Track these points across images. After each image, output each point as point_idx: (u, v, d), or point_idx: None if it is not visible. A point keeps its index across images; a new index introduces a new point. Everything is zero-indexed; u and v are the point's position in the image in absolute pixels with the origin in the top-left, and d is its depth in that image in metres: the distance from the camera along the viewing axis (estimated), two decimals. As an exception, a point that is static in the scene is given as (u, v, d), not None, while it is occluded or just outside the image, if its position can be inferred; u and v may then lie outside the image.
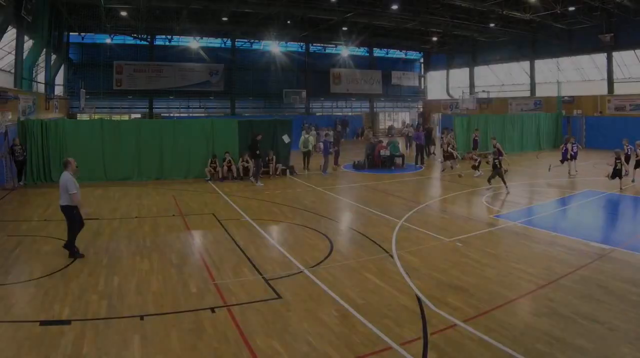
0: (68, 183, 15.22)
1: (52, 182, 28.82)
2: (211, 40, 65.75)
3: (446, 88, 75.24)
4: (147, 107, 64.21)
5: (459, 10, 49.18)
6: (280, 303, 11.87)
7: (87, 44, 60.56)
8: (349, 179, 32.50)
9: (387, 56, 77.93)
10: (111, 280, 13.37)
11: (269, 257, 15.73)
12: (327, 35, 62.79)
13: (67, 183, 15.22)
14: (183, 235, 18.51)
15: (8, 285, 12.98)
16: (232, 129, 32.52)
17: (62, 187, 15.33)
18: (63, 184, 15.29)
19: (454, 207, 23.58)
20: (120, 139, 30.57)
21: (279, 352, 9.57)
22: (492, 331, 10.25)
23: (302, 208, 23.08)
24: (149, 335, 10.22)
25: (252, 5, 47.09)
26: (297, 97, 68.18)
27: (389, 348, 9.65)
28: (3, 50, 36.50)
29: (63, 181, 15.31)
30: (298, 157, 35.64)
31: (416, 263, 14.80)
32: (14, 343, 9.74)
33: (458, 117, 44.14)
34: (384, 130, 76.48)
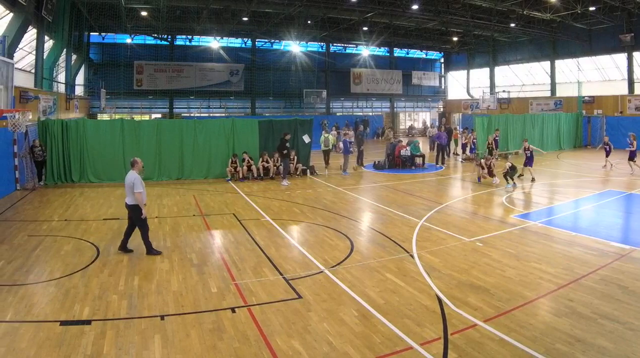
0: (135, 182, 15.36)
1: (72, 182, 29.23)
2: (231, 40, 65.89)
3: (467, 88, 75.00)
4: (168, 107, 64.43)
5: (480, 10, 49.11)
6: (301, 303, 11.90)
7: (107, 43, 60.93)
8: (369, 178, 32.45)
9: (408, 56, 77.74)
10: (131, 280, 13.46)
11: (289, 257, 15.76)
12: (348, 35, 62.83)
13: (134, 182, 15.35)
14: (203, 235, 18.56)
15: (29, 285, 13.08)
16: (252, 129, 32.57)
17: (128, 186, 15.50)
18: (129, 183, 15.42)
19: (474, 207, 23.53)
20: (141, 139, 30.67)
21: (299, 351, 9.60)
22: (512, 331, 10.25)
23: (323, 208, 23.10)
24: (169, 335, 10.28)
25: (273, 5, 47.18)
26: (317, 97, 68.18)
27: (409, 348, 9.66)
28: (24, 50, 36.69)
29: (130, 180, 15.44)
30: (319, 157, 35.71)
31: (437, 263, 14.80)
32: (35, 343, 9.82)
33: (478, 117, 43.93)
34: (404, 130, 76.34)
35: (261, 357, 9.46)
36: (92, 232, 18.61)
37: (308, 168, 33.45)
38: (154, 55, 62.60)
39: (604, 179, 30.70)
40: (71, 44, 46.12)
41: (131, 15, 49.86)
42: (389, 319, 10.92)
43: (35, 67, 37.52)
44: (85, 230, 18.73)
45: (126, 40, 60.37)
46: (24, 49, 36.39)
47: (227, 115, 62.70)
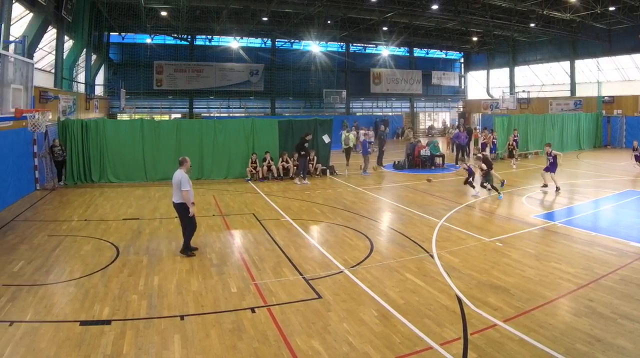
0: (183, 180, 15.45)
1: (92, 182, 29.34)
2: (251, 40, 66.03)
3: (486, 88, 74.80)
4: (187, 107, 64.64)
5: (499, 10, 48.96)
6: (321, 303, 11.92)
7: (127, 43, 61.22)
8: (389, 179, 32.43)
9: (427, 56, 77.57)
10: (151, 280, 13.52)
11: (309, 257, 15.78)
12: (368, 35, 62.87)
13: (182, 180, 15.45)
14: (223, 235, 18.62)
15: (49, 285, 13.15)
16: (272, 129, 32.58)
17: (176, 184, 15.60)
18: (177, 181, 15.53)
19: (494, 207, 23.44)
20: (161, 139, 30.72)
21: (319, 351, 9.62)
22: (532, 331, 10.23)
23: (342, 208, 23.10)
24: (189, 335, 10.32)
25: (292, 5, 47.35)
26: (337, 97, 68.12)
27: (429, 348, 9.67)
28: (43, 50, 36.83)
29: (178, 178, 15.54)
30: (338, 158, 35.73)
31: (456, 263, 14.79)
32: (55, 343, 9.88)
33: (498, 117, 43.84)
34: (424, 130, 76.21)
35: (281, 357, 9.49)
36: (112, 232, 18.70)
37: (328, 168, 33.45)
38: (173, 55, 62.83)
39: (623, 179, 30.49)
40: (91, 44, 46.40)
41: (151, 15, 50.08)
42: (409, 319, 10.92)
43: (55, 67, 37.71)
44: (105, 230, 18.82)
45: (146, 40, 60.60)
46: (43, 49, 36.53)
47: (247, 115, 62.95)
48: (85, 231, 18.77)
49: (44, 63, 38.13)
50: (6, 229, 18.97)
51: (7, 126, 22.10)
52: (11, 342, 9.85)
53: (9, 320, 10.84)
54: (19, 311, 11.36)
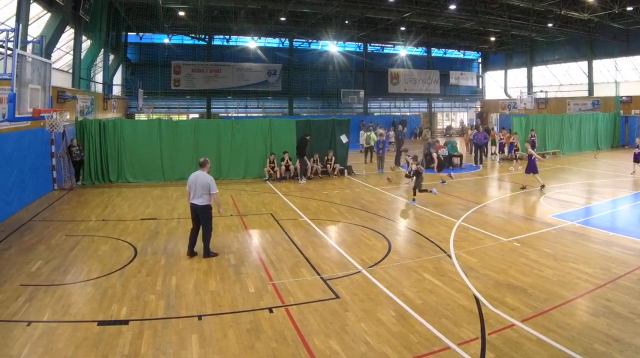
0: (212, 182, 15.36)
1: (110, 182, 29.46)
2: (269, 40, 66.00)
3: (504, 88, 74.53)
4: (205, 107, 64.73)
5: (517, 10, 48.78)
6: (338, 303, 11.94)
7: (145, 43, 61.44)
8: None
9: (445, 56, 77.25)
10: (169, 280, 13.56)
11: (326, 257, 15.79)
12: (385, 35, 62.71)
13: (211, 183, 15.35)
14: (241, 235, 18.64)
15: (66, 285, 13.21)
16: (290, 129, 32.59)
17: (202, 186, 15.33)
18: (204, 183, 15.32)
19: (511, 207, 23.40)
20: (178, 139, 30.75)
21: (337, 351, 9.63)
22: (550, 331, 10.21)
23: (360, 208, 23.10)
24: (206, 335, 10.35)
25: (310, 5, 47.39)
26: (355, 97, 67.98)
27: (447, 348, 9.67)
28: (61, 50, 37.00)
29: (205, 180, 15.36)
30: (356, 158, 35.74)
31: (474, 263, 14.79)
32: (72, 343, 9.92)
33: (516, 117, 43.73)
34: (442, 130, 76.06)
35: (299, 357, 9.51)
36: (130, 232, 18.77)
37: (345, 168, 33.43)
38: (191, 55, 62.96)
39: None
40: (109, 44, 46.48)
41: (169, 15, 50.19)
42: (427, 319, 10.93)
43: (73, 67, 37.86)
44: (123, 230, 18.89)
45: (164, 40, 60.77)
46: (61, 49, 36.68)
47: (265, 115, 62.76)
48: (103, 231, 18.84)
49: (62, 63, 38.32)
50: (24, 229, 19.06)
51: (25, 126, 22.20)
52: (29, 342, 9.91)
53: (27, 320, 10.90)
54: (36, 311, 11.41)
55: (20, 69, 15.05)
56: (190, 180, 15.55)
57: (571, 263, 14.69)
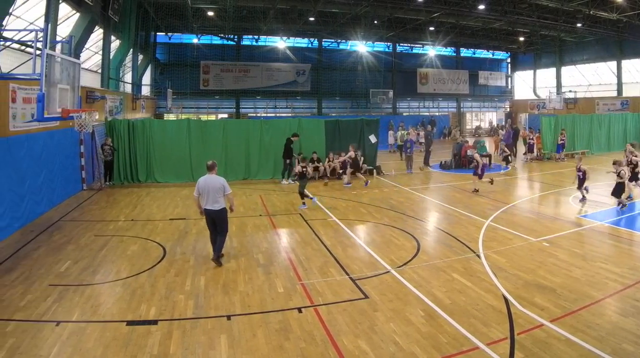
0: (225, 183, 14.94)
1: (139, 182, 29.63)
2: (298, 40, 66.17)
3: (533, 88, 74.04)
4: (234, 107, 64.99)
5: (546, 10, 48.56)
6: (367, 303, 11.94)
7: (174, 43, 61.92)
8: (435, 178, 32.30)
9: (474, 56, 76.93)
10: (198, 280, 13.61)
11: (355, 257, 15.79)
12: (414, 35, 62.65)
13: (225, 183, 14.92)
14: (270, 235, 18.68)
15: (95, 285, 13.30)
16: (318, 129, 32.66)
17: (216, 190, 14.83)
18: (218, 186, 14.85)
19: (540, 207, 23.30)
20: (207, 139, 30.80)
21: (366, 351, 9.64)
22: (578, 331, 10.18)
23: (389, 208, 23.04)
24: (235, 335, 10.38)
25: (339, 5, 47.48)
26: (384, 97, 68.10)
27: (475, 348, 9.66)
28: (90, 50, 37.32)
29: (218, 183, 14.89)
30: (386, 157, 35.68)
31: (503, 263, 14.75)
32: (101, 343, 10.00)
33: (545, 117, 43.47)
34: (470, 130, 75.75)
35: (328, 357, 9.53)
36: (159, 232, 18.86)
37: (374, 168, 33.39)
38: (220, 55, 63.28)
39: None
40: (138, 44, 46.89)
41: (197, 15, 50.58)
42: (456, 319, 10.93)
43: (102, 67, 38.20)
44: (152, 230, 18.97)
45: (193, 40, 61.24)
46: (90, 49, 37.01)
47: (294, 115, 62.84)
48: (132, 231, 18.94)
49: (91, 63, 38.64)
50: (53, 229, 19.20)
51: (54, 126, 22.35)
52: (58, 342, 9.98)
53: (56, 320, 10.98)
54: (65, 311, 11.50)
55: (49, 69, 15.15)
56: (201, 186, 15.02)
57: (600, 263, 14.61)
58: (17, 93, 19.28)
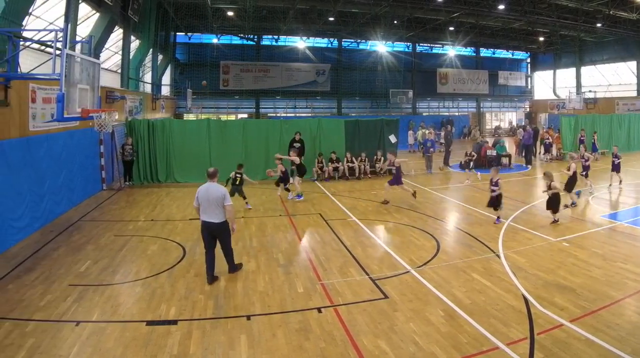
0: (226, 194, 13.62)
1: (159, 182, 29.79)
2: (318, 40, 66.17)
3: (553, 88, 73.70)
4: (254, 107, 65.13)
5: (566, 10, 48.46)
6: (387, 303, 11.97)
7: (193, 43, 62.14)
8: (455, 178, 32.23)
9: (494, 56, 76.63)
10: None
11: (375, 257, 15.82)
12: (434, 35, 62.57)
13: (226, 194, 13.59)
14: (290, 235, 18.70)
15: (115, 285, 13.38)
16: (338, 129, 32.73)
17: (215, 201, 13.48)
18: (218, 196, 13.49)
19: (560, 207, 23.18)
20: (227, 139, 30.93)
21: (386, 351, 9.66)
22: (598, 331, 10.16)
23: (409, 208, 23.06)
24: (255, 335, 10.42)
25: (359, 5, 47.53)
26: (403, 97, 67.95)
27: (495, 348, 9.68)
28: (110, 50, 37.39)
29: (218, 193, 13.53)
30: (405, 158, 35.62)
31: (523, 263, 14.75)
32: (121, 343, 10.06)
33: (565, 117, 43.32)
34: (490, 130, 75.50)
35: (347, 357, 9.55)
36: (179, 232, 18.93)
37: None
38: (240, 55, 63.37)
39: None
40: (157, 44, 46.95)
41: (217, 15, 50.68)
42: (475, 319, 10.94)
43: (122, 67, 38.25)
44: (172, 231, 19.02)
45: (212, 40, 61.34)
46: (110, 49, 37.06)
47: (313, 115, 62.96)
48: (151, 231, 19.02)
49: (111, 63, 38.69)
50: (72, 229, 19.32)
51: (74, 126, 22.43)
52: (78, 342, 10.05)
53: (76, 320, 11.06)
54: (85, 311, 11.57)
55: (69, 69, 15.19)
56: (201, 195, 13.70)
57: (620, 263, 14.58)
58: (36, 93, 19.36)
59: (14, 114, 17.78)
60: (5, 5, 17.84)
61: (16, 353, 9.57)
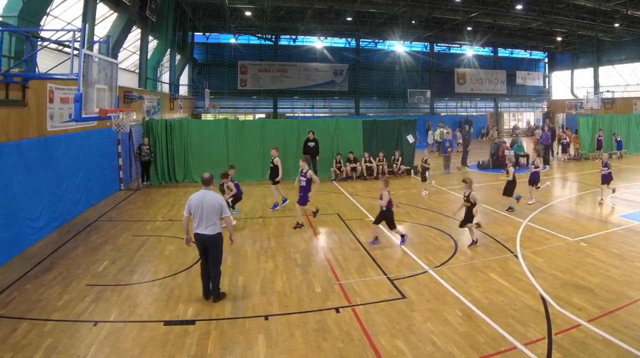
0: (223, 203, 12.38)
1: (176, 182, 29.87)
2: (335, 40, 66.10)
3: (571, 88, 73.35)
4: (272, 107, 65.14)
5: (583, 10, 48.31)
6: (405, 303, 11.99)
7: (211, 43, 62.22)
8: (473, 178, 31.60)
9: (512, 56, 76.31)
10: (236, 280, 13.70)
11: (393, 257, 15.86)
12: (452, 35, 62.45)
13: (223, 203, 12.34)
14: (307, 235, 18.73)
15: (133, 284, 13.45)
16: (356, 129, 32.72)
17: (211, 210, 12.16)
18: (214, 206, 12.19)
19: (578, 207, 23.19)
20: (245, 139, 31.03)
21: (404, 351, 9.68)
22: (616, 331, 10.16)
23: (427, 208, 23.09)
24: (273, 335, 10.45)
25: (377, 5, 47.53)
26: (421, 97, 67.75)
27: (513, 348, 9.69)
28: (128, 50, 37.49)
29: (214, 201, 12.24)
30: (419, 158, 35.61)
31: (541, 263, 14.75)
32: (139, 343, 10.12)
33: (583, 117, 43.15)
34: (508, 130, 75.26)
35: (365, 357, 9.56)
36: (196, 232, 18.86)
37: (412, 168, 33.23)
38: (257, 55, 63.34)
39: None
40: (175, 44, 46.98)
41: (235, 15, 50.76)
42: (493, 319, 10.96)
43: (140, 67, 38.35)
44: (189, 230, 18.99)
45: (230, 40, 61.43)
46: (128, 49, 37.16)
47: (331, 115, 62.84)
48: (169, 231, 19.09)
49: (128, 63, 38.88)
50: (90, 229, 19.42)
51: (92, 126, 22.50)
52: (95, 342, 10.11)
53: (93, 320, 11.13)
54: (103, 311, 11.65)
55: (86, 69, 15.25)
56: (194, 204, 12.32)
57: (638, 263, 14.59)
58: (54, 93, 19.43)
59: (32, 114, 17.86)
60: (23, 5, 17.92)
61: (34, 353, 9.63)
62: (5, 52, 16.34)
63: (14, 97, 16.68)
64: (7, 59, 16.58)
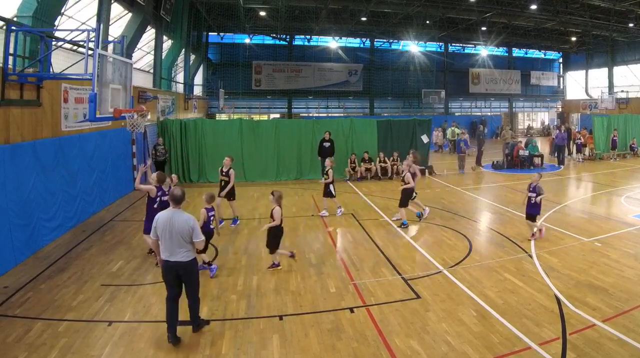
0: (195, 226, 10.36)
1: (191, 182, 29.84)
2: (350, 40, 66.20)
3: (585, 88, 73.08)
4: (286, 107, 65.29)
5: (598, 10, 48.22)
6: (419, 303, 11.99)
7: (226, 43, 62.31)
8: (487, 178, 32.11)
9: (526, 56, 76.13)
10: (250, 280, 13.72)
11: (407, 257, 15.84)
12: (466, 35, 62.28)
13: (196, 227, 10.37)
14: (322, 235, 18.76)
15: (147, 285, 13.50)
16: (370, 129, 32.66)
17: (181, 234, 10.19)
18: (185, 229, 10.21)
19: (593, 206, 23.09)
20: (259, 139, 30.97)
21: (418, 351, 9.69)
22: (631, 331, 10.14)
23: (441, 208, 22.98)
24: (287, 335, 10.47)
25: (391, 5, 47.53)
26: (435, 97, 67.71)
27: (527, 348, 9.67)
28: (142, 50, 37.68)
29: (185, 224, 10.24)
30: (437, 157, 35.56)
31: (555, 263, 14.72)
32: (153, 342, 10.17)
33: (597, 117, 43.00)
34: (522, 130, 75.05)
35: (380, 357, 9.58)
36: (211, 232, 18.87)
37: (426, 168, 33.14)
38: (272, 55, 63.60)
39: None
40: (190, 44, 47.20)
41: (249, 15, 50.96)
42: (508, 319, 10.95)
43: (154, 67, 38.44)
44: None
45: (245, 40, 61.58)
46: (142, 49, 37.36)
47: (346, 115, 62.86)
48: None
49: (143, 63, 38.99)
50: (105, 229, 19.49)
51: (106, 126, 22.56)
52: (110, 342, 10.15)
53: (108, 320, 11.19)
54: (117, 311, 11.70)
55: (101, 69, 15.26)
56: (161, 225, 10.25)
57: (653, 263, 14.45)
58: (69, 93, 19.49)
59: (47, 114, 17.92)
60: (38, 5, 17.99)
61: (49, 353, 9.67)
62: (20, 52, 16.38)
63: (29, 97, 16.73)
64: (21, 58, 16.62)
